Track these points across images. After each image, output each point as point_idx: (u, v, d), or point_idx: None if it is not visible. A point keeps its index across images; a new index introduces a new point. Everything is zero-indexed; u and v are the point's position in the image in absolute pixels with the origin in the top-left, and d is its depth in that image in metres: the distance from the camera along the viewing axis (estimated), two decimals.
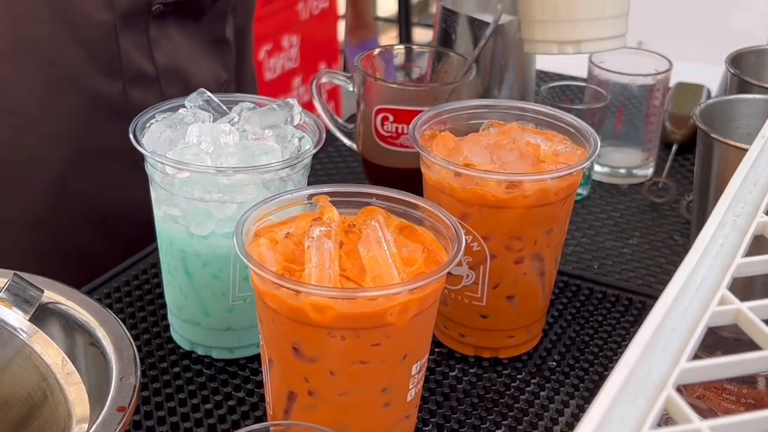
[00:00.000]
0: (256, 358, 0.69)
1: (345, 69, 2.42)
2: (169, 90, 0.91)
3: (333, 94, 2.41)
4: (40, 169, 0.87)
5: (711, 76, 1.10)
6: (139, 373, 0.50)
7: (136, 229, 0.90)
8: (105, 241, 0.92)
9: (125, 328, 0.54)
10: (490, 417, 0.65)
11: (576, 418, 0.65)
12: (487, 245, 0.65)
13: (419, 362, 0.57)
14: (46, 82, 0.84)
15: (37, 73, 0.84)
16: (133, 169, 0.83)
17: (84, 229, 0.91)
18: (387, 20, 3.11)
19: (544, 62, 1.08)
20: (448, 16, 0.95)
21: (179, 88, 0.90)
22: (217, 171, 0.63)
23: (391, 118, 0.85)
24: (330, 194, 0.59)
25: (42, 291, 0.56)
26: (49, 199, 0.88)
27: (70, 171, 0.87)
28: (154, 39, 0.88)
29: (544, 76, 1.17)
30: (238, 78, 1.02)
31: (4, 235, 0.89)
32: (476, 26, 0.94)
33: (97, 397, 0.50)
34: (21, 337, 0.54)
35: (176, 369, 0.69)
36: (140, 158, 0.66)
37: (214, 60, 0.96)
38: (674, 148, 0.99)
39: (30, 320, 0.55)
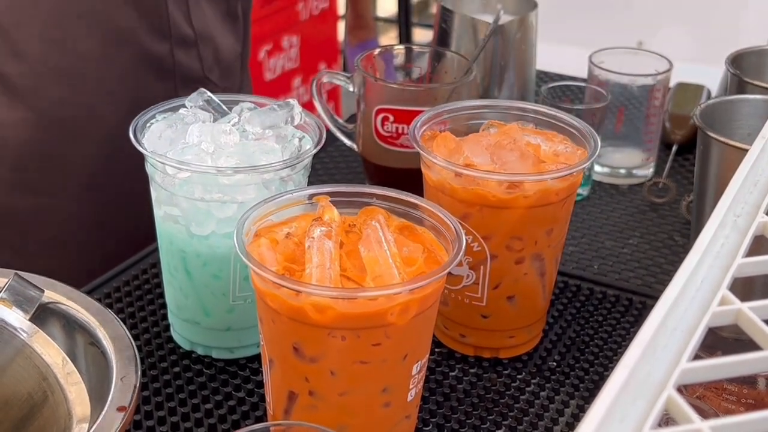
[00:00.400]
0: (257, 358, 0.69)
1: (345, 69, 2.42)
2: (205, 53, 0.98)
3: (333, 94, 2.41)
4: (97, 125, 0.92)
5: (711, 76, 1.10)
6: (139, 372, 0.50)
7: None
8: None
9: (125, 328, 0.54)
10: (491, 417, 0.65)
11: (576, 418, 0.65)
12: (488, 245, 0.66)
13: (420, 362, 0.57)
14: (102, 42, 0.90)
15: (95, 34, 0.89)
16: None
17: (134, 187, 0.93)
18: (387, 20, 3.11)
19: (544, 62, 1.09)
20: (448, 17, 0.95)
21: (211, 53, 0.98)
22: (217, 171, 0.63)
23: (392, 119, 0.85)
24: (330, 194, 0.59)
25: (42, 291, 0.56)
26: (105, 152, 0.92)
27: (124, 127, 0.91)
28: (192, 4, 0.95)
29: (544, 77, 1.18)
30: (243, 57, 1.07)
31: (63, 191, 0.93)
32: (476, 26, 0.94)
33: (97, 397, 0.50)
34: (21, 336, 0.54)
35: (176, 369, 0.69)
36: None
37: (230, 32, 1.03)
38: (674, 148, 0.99)
39: (30, 320, 0.55)
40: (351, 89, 0.89)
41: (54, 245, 0.94)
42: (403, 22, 2.58)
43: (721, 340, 0.55)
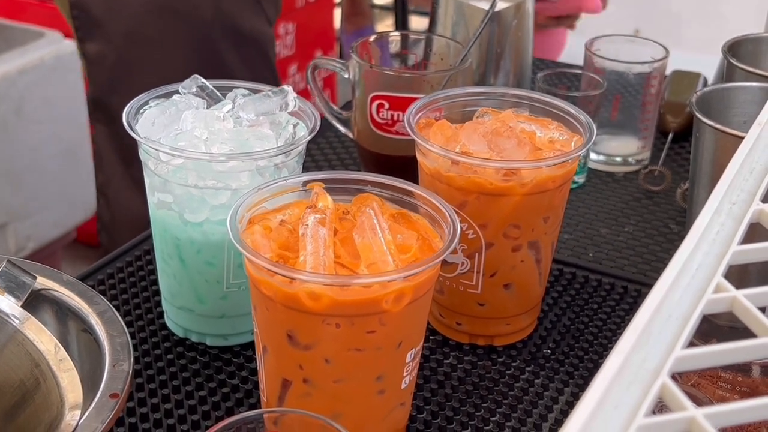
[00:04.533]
0: (251, 345, 0.69)
1: (341, 56, 2.41)
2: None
3: (329, 81, 2.41)
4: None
5: (707, 64, 1.10)
6: (132, 359, 0.50)
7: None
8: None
9: (118, 315, 0.54)
10: (485, 405, 0.65)
11: (570, 405, 0.65)
12: (484, 233, 0.65)
13: (414, 350, 0.56)
14: None
15: None
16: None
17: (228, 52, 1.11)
18: (383, 7, 3.10)
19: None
20: (444, 3, 0.95)
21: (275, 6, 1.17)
22: (211, 158, 0.62)
23: (387, 105, 0.84)
24: (324, 181, 0.59)
25: (35, 277, 0.55)
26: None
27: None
28: None
29: (540, 64, 1.17)
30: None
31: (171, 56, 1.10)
32: (472, 13, 0.93)
33: (89, 383, 0.50)
34: (13, 323, 0.54)
35: (170, 356, 0.69)
36: None
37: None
38: (670, 136, 0.99)
39: (22, 306, 0.54)
40: (346, 76, 0.88)
41: None
42: (399, 8, 2.57)
43: (716, 327, 0.55)
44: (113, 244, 1.20)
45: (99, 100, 1.17)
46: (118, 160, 1.17)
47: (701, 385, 0.59)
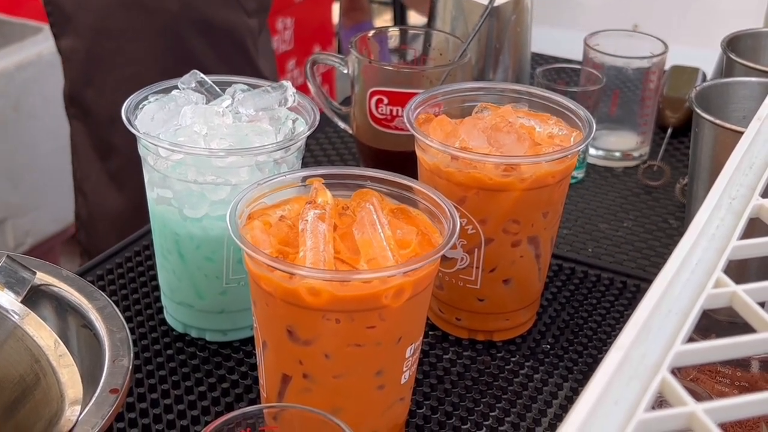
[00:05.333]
0: (250, 340, 0.69)
1: (339, 51, 2.41)
2: None
3: (327, 76, 2.40)
4: None
5: (706, 59, 1.10)
6: (132, 355, 0.50)
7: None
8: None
9: (118, 311, 0.54)
10: (484, 399, 0.65)
11: (570, 400, 0.65)
12: (484, 228, 0.65)
13: (413, 345, 0.56)
14: None
15: None
16: None
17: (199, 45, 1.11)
18: (381, 2, 3.09)
19: (539, 45, 1.08)
20: None
21: None
22: (210, 153, 0.62)
23: (386, 101, 0.84)
24: (324, 177, 0.59)
25: (34, 273, 0.55)
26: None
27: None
28: None
29: (539, 59, 1.17)
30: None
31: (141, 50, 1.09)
32: (471, 8, 0.93)
33: (89, 379, 0.50)
34: (13, 319, 0.54)
35: (170, 351, 0.69)
36: None
37: None
38: (669, 131, 0.99)
39: (22, 302, 0.54)
40: (345, 71, 0.88)
41: None
42: (398, 3, 2.57)
43: (715, 322, 0.55)
44: (92, 242, 1.19)
45: (74, 95, 1.16)
46: (95, 156, 1.16)
47: (700, 380, 0.59)
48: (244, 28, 1.19)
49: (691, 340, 0.31)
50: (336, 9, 2.51)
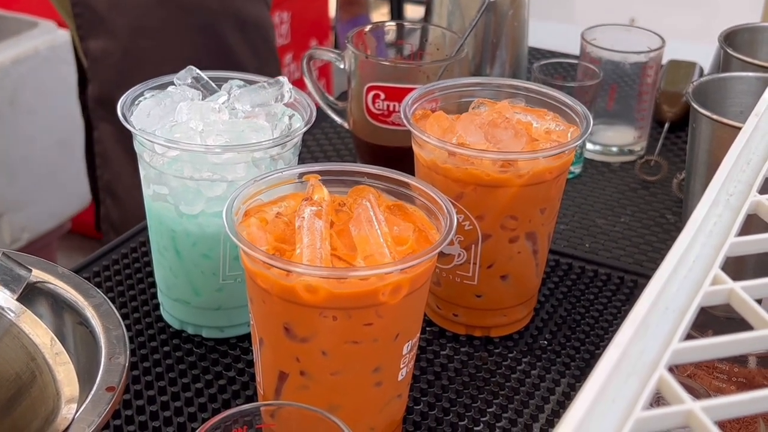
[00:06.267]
0: (247, 337, 0.69)
1: (336, 46, 2.41)
2: None
3: (324, 71, 2.40)
4: None
5: (704, 53, 1.09)
6: (128, 352, 0.50)
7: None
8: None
9: (114, 308, 0.53)
10: (482, 396, 0.65)
11: (567, 396, 0.65)
12: (482, 225, 0.65)
13: (411, 341, 0.56)
14: None
15: None
16: None
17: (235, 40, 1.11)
18: None
19: (536, 39, 1.08)
20: None
21: None
22: (206, 149, 0.62)
23: (383, 96, 0.84)
24: (320, 173, 0.59)
25: (30, 270, 0.55)
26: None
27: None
28: None
29: (536, 54, 1.17)
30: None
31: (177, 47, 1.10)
32: (468, 3, 0.93)
33: (86, 377, 0.50)
34: (9, 316, 0.54)
35: (166, 348, 0.68)
36: None
37: None
38: (666, 126, 0.99)
39: (18, 300, 0.54)
40: (341, 66, 0.88)
41: None
42: None
43: (713, 318, 0.55)
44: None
45: (104, 97, 1.15)
46: (127, 158, 1.16)
47: (697, 376, 0.59)
48: (267, 21, 1.20)
49: (688, 336, 0.31)
50: (333, 3, 2.51)
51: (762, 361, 0.58)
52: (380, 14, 3.02)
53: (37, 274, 0.56)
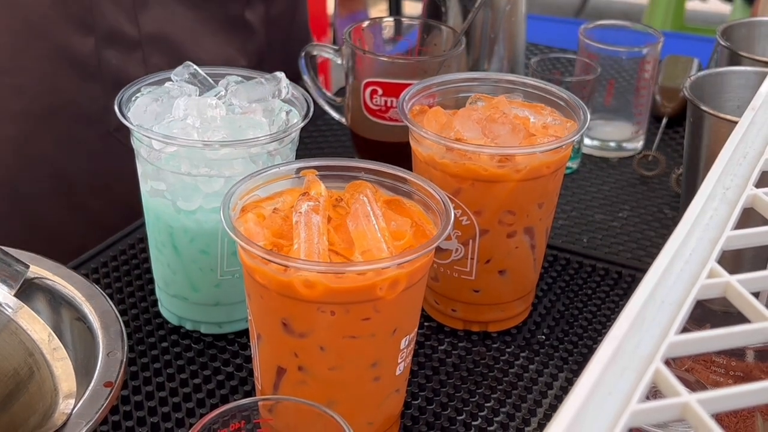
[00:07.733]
0: (245, 332, 0.69)
1: (334, 42, 2.40)
2: (154, 59, 0.86)
3: (323, 67, 2.40)
4: (3, 123, 0.83)
5: (702, 48, 1.09)
6: (126, 348, 0.50)
7: (107, 207, 0.87)
8: (72, 215, 0.89)
9: (112, 303, 0.53)
10: (479, 390, 0.65)
11: (565, 391, 0.65)
12: (479, 220, 0.65)
13: (408, 336, 0.56)
14: (13, 30, 0.81)
15: (5, 20, 0.81)
16: (104, 139, 0.81)
17: (48, 199, 0.87)
18: None
19: (534, 35, 1.08)
20: None
21: (167, 59, 0.86)
22: (203, 145, 0.62)
23: (380, 92, 0.84)
24: (318, 168, 0.59)
25: (28, 266, 0.55)
26: (9, 159, 0.84)
27: (35, 129, 0.84)
28: (141, 1, 0.84)
29: (534, 49, 1.17)
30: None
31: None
32: None
33: (84, 372, 0.50)
34: (7, 312, 0.54)
35: (164, 344, 0.68)
36: (113, 128, 0.65)
37: (227, 41, 0.92)
38: (664, 121, 0.99)
39: (16, 295, 0.54)
40: (339, 62, 0.88)
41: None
42: None
43: (709, 312, 0.55)
44: None
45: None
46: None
47: (695, 370, 0.59)
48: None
49: (685, 330, 0.31)
50: None
51: (759, 355, 0.58)
52: (378, 10, 3.01)
53: (35, 270, 0.56)
